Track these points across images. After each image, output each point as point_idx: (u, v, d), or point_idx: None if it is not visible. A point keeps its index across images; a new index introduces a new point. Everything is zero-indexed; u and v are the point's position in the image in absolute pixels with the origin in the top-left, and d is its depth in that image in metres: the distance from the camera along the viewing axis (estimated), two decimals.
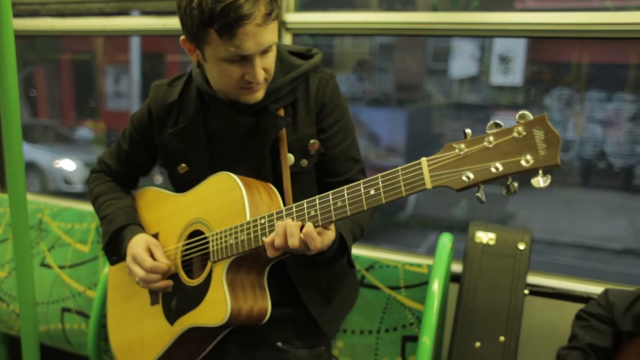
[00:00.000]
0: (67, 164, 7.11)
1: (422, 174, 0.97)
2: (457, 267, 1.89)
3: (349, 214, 1.06)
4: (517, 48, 6.56)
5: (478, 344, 1.69)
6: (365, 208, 1.04)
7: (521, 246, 1.77)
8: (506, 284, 1.73)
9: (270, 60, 1.24)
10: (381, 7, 6.66)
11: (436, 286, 1.58)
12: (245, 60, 1.19)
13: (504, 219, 5.64)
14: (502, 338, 1.68)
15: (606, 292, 1.55)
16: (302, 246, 1.11)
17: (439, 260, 1.63)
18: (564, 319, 1.59)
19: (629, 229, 5.65)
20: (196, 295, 1.31)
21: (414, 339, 1.66)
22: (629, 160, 6.08)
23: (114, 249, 1.47)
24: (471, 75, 6.90)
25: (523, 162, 0.89)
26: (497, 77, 6.75)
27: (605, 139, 6.23)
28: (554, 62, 6.69)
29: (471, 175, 0.93)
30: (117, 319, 1.55)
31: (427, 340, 1.51)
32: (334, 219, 1.09)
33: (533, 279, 1.92)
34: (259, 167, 1.33)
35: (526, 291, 1.78)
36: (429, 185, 0.96)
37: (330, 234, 1.14)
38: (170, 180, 1.48)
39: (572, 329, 1.55)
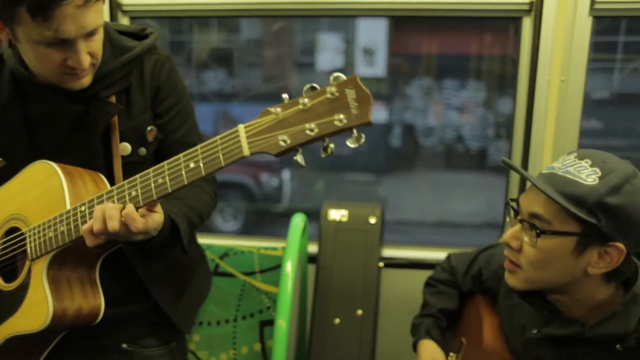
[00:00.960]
0: None
1: (239, 141, 0.93)
2: (315, 249, 1.90)
3: (169, 190, 1.00)
4: (379, 41, 6.84)
5: (337, 320, 1.71)
6: (185, 182, 0.98)
7: (372, 220, 1.81)
8: (360, 259, 1.77)
9: (97, 43, 1.13)
10: None
11: (289, 267, 1.56)
12: (66, 44, 1.07)
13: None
14: (359, 312, 1.71)
15: (449, 257, 1.62)
16: (123, 229, 1.01)
17: (291, 241, 1.61)
18: (420, 287, 1.65)
19: (486, 204, 6.12)
20: (14, 301, 1.17)
21: (272, 322, 1.63)
22: (482, 142, 6.59)
23: None
24: (337, 68, 7.08)
25: (336, 122, 0.88)
26: (362, 69, 6.99)
27: (461, 124, 6.70)
28: (412, 54, 7.07)
29: (287, 139, 0.90)
30: None
31: (282, 324, 1.48)
32: (155, 197, 1.01)
33: (388, 252, 1.98)
34: (90, 158, 1.22)
35: (381, 264, 1.83)
36: (246, 152, 0.92)
37: (157, 217, 1.06)
38: None
39: (423, 296, 1.61)
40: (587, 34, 1.75)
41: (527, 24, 1.83)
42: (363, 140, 0.89)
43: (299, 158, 0.92)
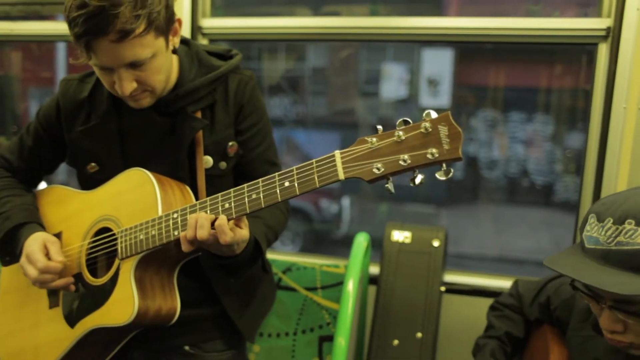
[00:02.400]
0: None
1: (335, 165, 0.99)
2: (377, 270, 1.90)
3: (263, 205, 1.06)
4: (444, 72, 6.82)
5: (396, 341, 1.69)
6: (279, 199, 1.05)
7: (435, 243, 1.80)
8: (422, 281, 1.76)
9: (149, 73, 1.19)
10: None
11: (351, 285, 1.57)
12: (111, 70, 1.17)
13: None
14: (419, 334, 1.69)
15: (516, 283, 1.59)
16: (212, 239, 1.09)
17: (353, 259, 1.63)
18: (481, 314, 1.62)
19: (550, 241, 5.90)
20: (101, 295, 1.25)
21: (331, 338, 1.64)
22: (548, 177, 6.38)
23: (9, 249, 1.37)
24: (401, 97, 7.10)
25: (429, 155, 0.94)
26: (426, 100, 6.98)
27: (527, 158, 6.53)
28: (478, 86, 7.00)
29: (381, 167, 0.97)
30: (7, 326, 1.43)
31: (342, 341, 1.49)
32: (247, 211, 1.08)
33: (450, 277, 1.95)
34: (176, 169, 1.30)
35: (443, 288, 1.81)
36: (341, 176, 0.99)
37: (243, 233, 1.12)
38: (79, 180, 1.42)
39: (488, 319, 1.58)
40: None
41: (603, 50, 1.79)
42: (452, 173, 0.94)
43: (389, 185, 0.98)
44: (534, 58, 6.17)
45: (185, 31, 2.06)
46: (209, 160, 1.31)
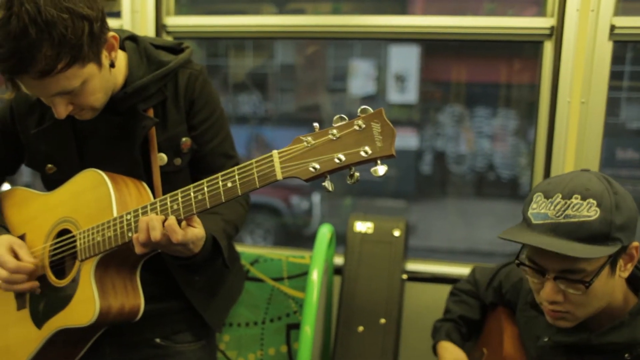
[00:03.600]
0: None
1: (273, 165, 1.00)
2: (342, 261, 1.96)
3: (208, 206, 1.08)
4: (411, 68, 6.91)
5: (361, 328, 1.76)
6: (223, 200, 1.07)
7: (396, 233, 1.87)
8: (384, 269, 1.82)
9: (83, 96, 1.17)
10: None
11: (315, 275, 1.62)
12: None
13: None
14: (382, 320, 1.76)
15: (473, 270, 1.67)
16: (164, 239, 1.10)
17: (317, 250, 1.68)
18: (442, 300, 1.69)
19: None
20: (65, 296, 1.26)
21: (298, 326, 1.70)
22: (513, 170, 6.54)
23: None
24: (369, 94, 7.17)
25: (362, 153, 0.95)
26: (394, 96, 7.06)
27: (493, 152, 6.67)
28: (444, 82, 7.12)
29: (317, 166, 0.97)
30: None
31: (308, 329, 1.54)
32: (195, 211, 1.10)
33: (412, 266, 2.03)
34: (131, 167, 1.31)
35: (405, 276, 1.88)
36: (279, 176, 1.00)
37: (196, 232, 1.14)
38: (42, 180, 1.42)
39: (446, 303, 1.66)
40: (608, 58, 1.78)
41: (548, 47, 1.87)
42: (386, 170, 0.95)
43: (327, 184, 0.98)
44: (495, 54, 6.32)
45: (150, 30, 2.07)
46: (163, 157, 1.32)
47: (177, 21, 2.11)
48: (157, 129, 1.31)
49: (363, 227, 1.90)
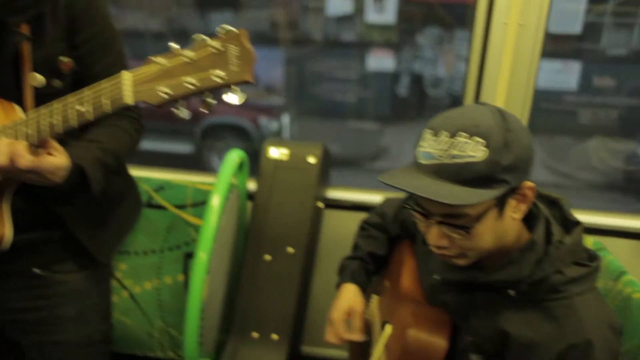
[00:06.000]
0: None
1: (124, 88, 0.93)
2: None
3: (61, 131, 1.02)
4: None
5: (268, 257, 1.71)
6: (76, 125, 1.00)
7: (311, 160, 1.79)
8: (296, 197, 1.76)
9: None
10: None
11: (216, 200, 1.55)
12: None
13: (377, 153, 5.87)
14: (290, 249, 1.72)
15: (383, 202, 1.61)
16: (10, 165, 1.03)
17: (222, 175, 1.61)
18: None
19: None
20: None
21: None
22: None
23: None
24: (346, 13, 6.88)
25: (215, 78, 0.88)
26: (372, 16, 6.79)
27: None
28: (424, 2, 6.83)
29: (168, 91, 0.90)
30: None
31: (203, 255, 1.49)
32: (48, 136, 1.04)
33: (334, 193, 1.96)
34: (1, 87, 1.20)
35: (321, 204, 1.82)
36: (129, 100, 0.93)
37: (53, 160, 1.07)
38: None
39: (355, 238, 1.61)
40: None
41: None
42: (240, 99, 0.89)
43: (180, 111, 0.92)
44: None
45: None
46: (39, 78, 1.22)
47: None
48: (33, 46, 1.20)
49: (277, 153, 1.81)
